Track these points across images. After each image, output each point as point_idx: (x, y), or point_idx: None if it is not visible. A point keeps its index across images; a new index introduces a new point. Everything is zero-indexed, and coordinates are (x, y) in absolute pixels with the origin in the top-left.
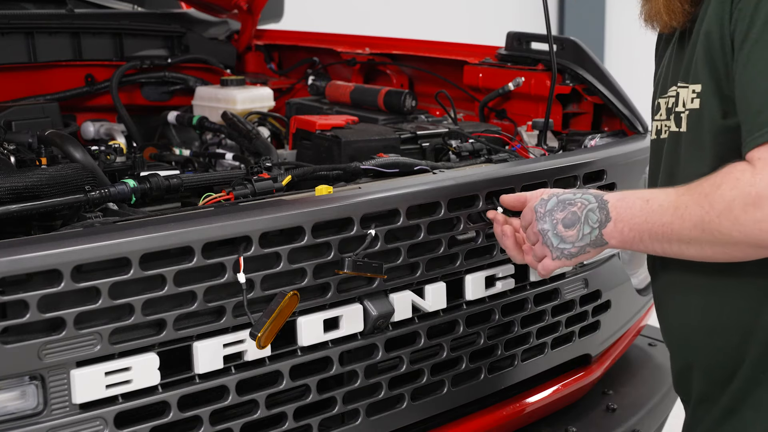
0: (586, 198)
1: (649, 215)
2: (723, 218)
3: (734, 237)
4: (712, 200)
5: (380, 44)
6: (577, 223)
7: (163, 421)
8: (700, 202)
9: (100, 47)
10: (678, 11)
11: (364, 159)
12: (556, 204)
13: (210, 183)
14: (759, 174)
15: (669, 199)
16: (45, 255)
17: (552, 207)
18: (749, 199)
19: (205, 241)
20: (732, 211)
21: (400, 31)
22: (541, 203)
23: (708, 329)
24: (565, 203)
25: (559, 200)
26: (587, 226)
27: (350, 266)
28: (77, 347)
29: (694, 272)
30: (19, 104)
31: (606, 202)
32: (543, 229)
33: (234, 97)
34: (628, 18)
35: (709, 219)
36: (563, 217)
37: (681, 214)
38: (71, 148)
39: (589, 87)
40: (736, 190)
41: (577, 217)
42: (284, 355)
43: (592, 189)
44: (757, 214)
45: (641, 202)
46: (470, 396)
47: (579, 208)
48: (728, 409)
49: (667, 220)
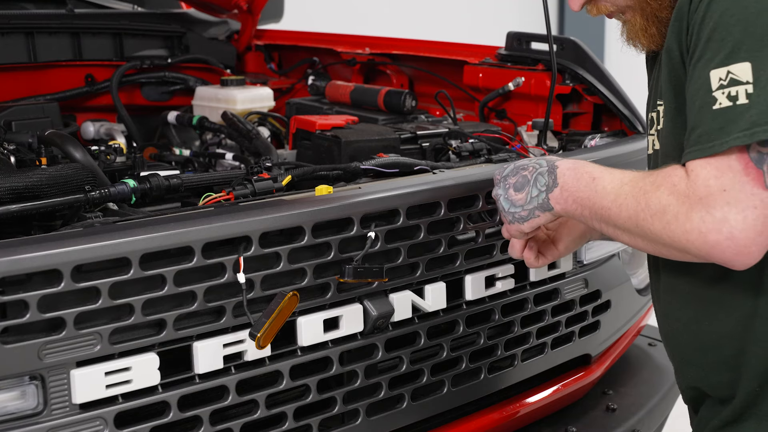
0: (539, 162)
1: (593, 194)
2: (655, 220)
3: (663, 239)
4: (648, 200)
5: (380, 44)
6: (526, 186)
7: (163, 421)
8: (638, 197)
9: (100, 47)
10: (655, 35)
11: (364, 159)
12: (510, 169)
13: (210, 183)
14: (692, 188)
15: (613, 184)
16: (45, 255)
17: (507, 173)
18: (682, 210)
19: (205, 241)
20: (664, 215)
21: (400, 31)
22: (499, 170)
23: (699, 340)
24: (518, 168)
25: (515, 167)
26: (535, 188)
27: (351, 274)
28: (77, 347)
29: (684, 280)
30: (19, 104)
31: (555, 167)
32: (497, 194)
33: (234, 97)
34: None
35: (643, 217)
36: (515, 181)
37: (620, 203)
38: (71, 148)
39: (589, 87)
40: (672, 196)
41: (527, 180)
42: (284, 355)
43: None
44: (686, 225)
45: (588, 178)
46: (470, 396)
47: (530, 171)
48: (729, 421)
49: (607, 204)
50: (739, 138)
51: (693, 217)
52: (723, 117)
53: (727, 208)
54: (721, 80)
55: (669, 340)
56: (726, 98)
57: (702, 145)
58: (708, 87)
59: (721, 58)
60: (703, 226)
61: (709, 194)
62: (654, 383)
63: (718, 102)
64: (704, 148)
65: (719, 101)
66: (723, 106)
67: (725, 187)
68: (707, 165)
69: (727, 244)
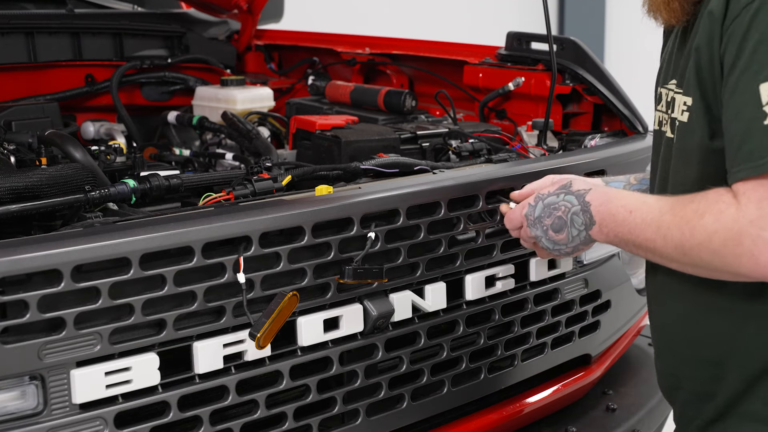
0: (569, 200)
1: (633, 228)
2: (703, 248)
3: (714, 266)
4: (693, 228)
5: (380, 44)
6: (564, 227)
7: (163, 421)
8: (681, 227)
9: (100, 47)
10: (677, 10)
11: (364, 159)
12: (542, 210)
13: (210, 183)
14: (742, 210)
15: (652, 215)
16: (45, 255)
17: (539, 213)
18: (730, 235)
19: (205, 241)
20: (712, 243)
21: (400, 31)
22: (530, 210)
23: (689, 340)
24: (550, 208)
25: (545, 205)
26: (574, 228)
27: (351, 275)
28: (77, 347)
29: (680, 279)
30: (19, 104)
31: (588, 204)
32: (536, 236)
33: (234, 97)
34: (628, 18)
35: (690, 246)
36: (551, 223)
37: (663, 234)
38: (71, 148)
39: (589, 87)
40: (718, 223)
41: (564, 222)
42: (284, 355)
43: (576, 183)
44: (737, 250)
45: (624, 212)
46: (470, 396)
47: (563, 212)
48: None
49: (650, 236)
50: None
51: (744, 241)
52: None
53: None
54: None
55: (658, 330)
56: None
57: (754, 163)
58: (757, 101)
59: None
60: (755, 248)
61: (762, 215)
62: (654, 383)
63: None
64: (756, 166)
65: None
66: None
67: None
68: (759, 185)
69: None
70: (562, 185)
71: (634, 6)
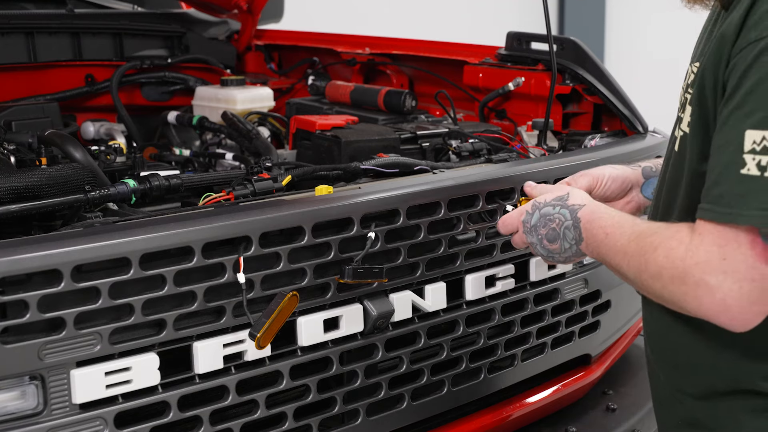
0: (563, 213)
1: (607, 250)
2: (654, 280)
3: (665, 299)
4: (647, 260)
5: (380, 44)
6: (557, 238)
7: (163, 421)
8: (639, 257)
9: (100, 47)
10: None
11: (364, 159)
12: (538, 219)
13: (210, 183)
14: (692, 251)
15: (621, 241)
16: (45, 255)
17: (535, 222)
18: (676, 273)
19: (205, 241)
20: (661, 278)
21: (400, 31)
22: (527, 217)
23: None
24: (546, 218)
25: (540, 215)
26: (566, 242)
27: (351, 275)
28: (77, 347)
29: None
30: (19, 104)
31: (579, 220)
32: (531, 242)
33: (234, 97)
34: (628, 18)
35: (644, 277)
36: (546, 233)
37: (627, 261)
38: (71, 148)
39: (589, 87)
40: (666, 259)
41: (557, 233)
42: (284, 355)
43: (573, 196)
44: (681, 288)
45: (602, 234)
46: (470, 396)
47: (557, 224)
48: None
49: (618, 262)
50: (756, 218)
51: (687, 281)
52: (747, 185)
53: (723, 277)
54: (755, 143)
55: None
56: (755, 166)
57: (719, 208)
58: (740, 145)
59: (759, 118)
60: (698, 290)
61: (708, 260)
62: None
63: (746, 167)
64: (720, 213)
65: (748, 166)
66: (750, 174)
67: (726, 256)
68: (715, 231)
69: (720, 310)
70: (559, 196)
71: (634, 6)
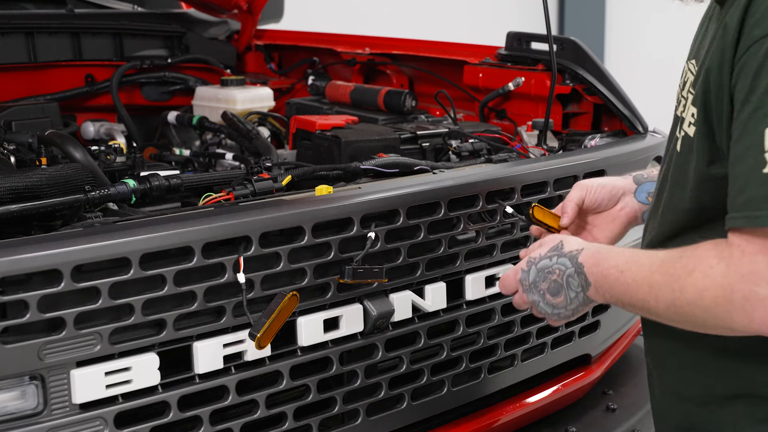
0: (562, 263)
1: (626, 288)
2: (694, 306)
3: (708, 324)
4: (683, 286)
5: (380, 44)
6: (561, 290)
7: (163, 421)
8: (671, 285)
9: (100, 47)
10: None
11: (364, 159)
12: (536, 274)
13: (210, 183)
14: (734, 265)
15: (642, 274)
16: (45, 255)
17: (534, 278)
18: (720, 292)
19: (205, 241)
20: (703, 301)
21: (400, 31)
22: (524, 275)
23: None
24: (545, 272)
25: (538, 270)
26: (571, 291)
27: (351, 275)
28: (77, 347)
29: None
30: (19, 104)
31: (582, 266)
32: (533, 300)
33: (234, 97)
34: (628, 18)
35: (680, 304)
36: (547, 287)
37: (655, 294)
38: (71, 148)
39: (589, 87)
40: (707, 279)
41: (560, 285)
42: (284, 355)
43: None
44: (728, 307)
45: (616, 272)
46: (470, 396)
47: (558, 275)
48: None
49: (642, 297)
50: None
51: (735, 298)
52: None
53: None
54: None
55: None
56: None
57: (750, 213)
58: (760, 146)
59: None
60: (747, 305)
61: (755, 271)
62: None
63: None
64: (752, 217)
65: None
66: None
67: None
68: (754, 238)
69: None
70: (553, 246)
71: (634, 6)
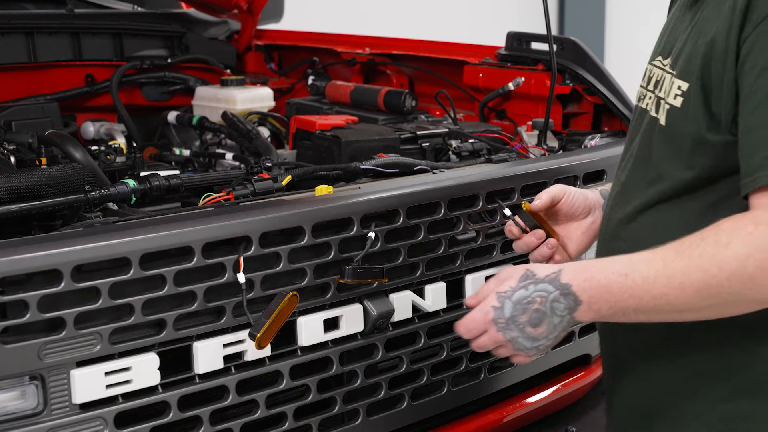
0: (543, 288)
1: (634, 291)
2: (734, 280)
3: (744, 296)
4: (721, 262)
5: (380, 44)
6: (544, 318)
7: (163, 421)
8: (703, 265)
9: (100, 47)
10: None
11: (364, 159)
12: (513, 308)
13: (210, 183)
14: None
15: (655, 267)
16: (45, 255)
17: (511, 313)
18: (765, 255)
19: (205, 241)
20: (746, 270)
21: (400, 31)
22: (498, 313)
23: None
24: (523, 303)
25: (515, 303)
26: (556, 316)
27: (351, 275)
28: (77, 347)
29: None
30: (19, 104)
31: (568, 286)
32: (512, 337)
33: (234, 97)
34: (628, 18)
35: (716, 283)
36: (528, 318)
37: (679, 282)
38: (71, 148)
39: (589, 87)
40: (749, 247)
41: (543, 313)
42: (284, 355)
43: (538, 269)
44: None
45: (618, 278)
46: (470, 396)
47: (540, 303)
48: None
49: (660, 291)
50: None
51: None
52: None
53: None
54: None
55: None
56: None
57: None
58: None
59: None
60: None
61: None
62: None
63: None
64: None
65: None
66: None
67: None
68: None
69: None
70: (521, 276)
71: (634, 6)
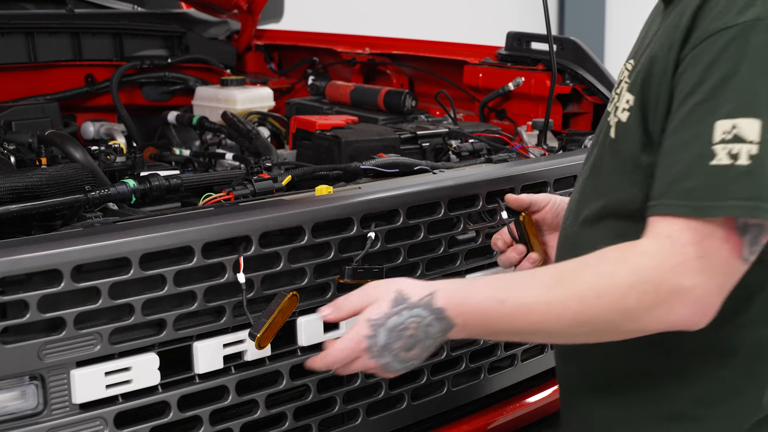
0: (417, 314)
1: (510, 317)
2: (612, 310)
3: (617, 327)
4: (600, 293)
5: (380, 44)
6: (418, 342)
7: (163, 421)
8: (582, 296)
9: (100, 47)
10: None
11: (364, 159)
12: (388, 336)
13: (210, 183)
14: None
15: (532, 295)
16: (45, 255)
17: (386, 341)
18: (648, 287)
19: (205, 241)
20: (626, 301)
21: (400, 31)
22: (371, 342)
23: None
24: (397, 331)
25: (389, 330)
26: (429, 339)
27: (350, 275)
28: (77, 347)
29: None
30: (19, 104)
31: (442, 310)
32: (385, 363)
33: (234, 97)
34: (628, 18)
35: (592, 313)
36: (402, 344)
37: (557, 312)
38: (71, 148)
39: (589, 87)
40: (636, 276)
41: (415, 338)
42: (284, 355)
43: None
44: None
45: (495, 303)
46: (470, 396)
47: (414, 329)
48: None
49: (536, 319)
50: (736, 209)
51: (662, 291)
52: (721, 176)
53: (699, 278)
54: (725, 133)
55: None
56: (727, 155)
57: (692, 203)
58: (708, 137)
59: (728, 109)
60: (672, 297)
61: (683, 261)
62: None
63: (717, 157)
64: (695, 207)
65: (719, 157)
66: (722, 164)
67: (705, 253)
68: (688, 228)
69: (694, 310)
70: (393, 300)
71: (634, 6)
